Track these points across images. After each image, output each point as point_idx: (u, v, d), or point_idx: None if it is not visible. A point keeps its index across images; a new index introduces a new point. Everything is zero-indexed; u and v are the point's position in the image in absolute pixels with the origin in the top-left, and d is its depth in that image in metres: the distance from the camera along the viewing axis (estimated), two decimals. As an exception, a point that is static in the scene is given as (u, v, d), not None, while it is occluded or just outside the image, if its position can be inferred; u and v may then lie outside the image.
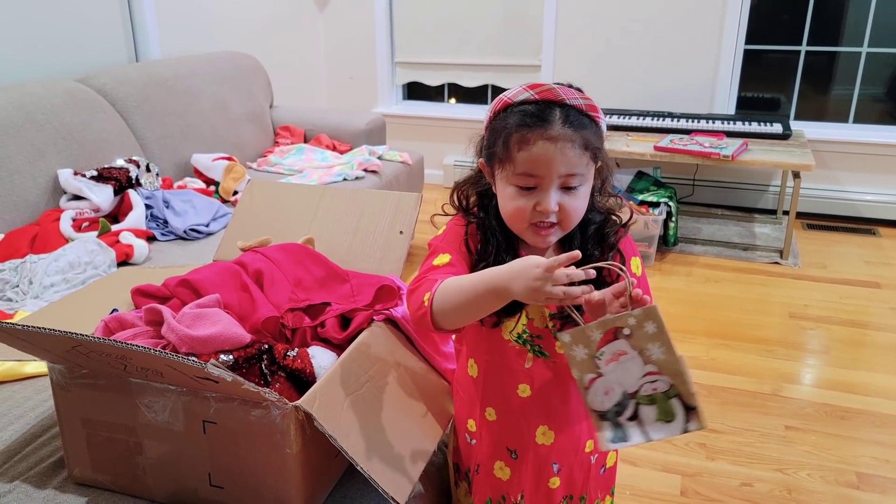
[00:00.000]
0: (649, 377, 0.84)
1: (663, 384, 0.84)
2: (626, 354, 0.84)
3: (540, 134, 0.94)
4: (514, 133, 0.95)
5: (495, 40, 4.22)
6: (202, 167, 2.79)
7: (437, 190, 4.34)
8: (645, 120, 3.66)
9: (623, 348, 0.84)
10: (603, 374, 0.86)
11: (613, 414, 0.87)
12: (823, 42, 3.78)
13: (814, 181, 3.75)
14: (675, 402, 0.84)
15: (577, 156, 0.95)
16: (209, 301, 1.20)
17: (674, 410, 0.84)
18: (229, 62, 3.31)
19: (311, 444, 1.00)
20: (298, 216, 1.56)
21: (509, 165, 0.97)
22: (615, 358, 0.85)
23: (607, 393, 0.86)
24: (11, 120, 2.17)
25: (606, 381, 0.86)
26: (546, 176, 0.95)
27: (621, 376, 0.85)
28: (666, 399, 0.84)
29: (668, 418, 0.85)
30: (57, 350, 0.97)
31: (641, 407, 0.85)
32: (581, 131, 0.95)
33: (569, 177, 0.95)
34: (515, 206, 0.98)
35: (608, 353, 0.85)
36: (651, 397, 0.85)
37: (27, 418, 1.30)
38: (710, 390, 2.25)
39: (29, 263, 1.90)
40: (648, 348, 0.83)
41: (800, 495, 1.79)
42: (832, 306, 2.84)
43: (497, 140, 0.98)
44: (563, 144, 0.93)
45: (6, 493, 1.10)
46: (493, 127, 1.00)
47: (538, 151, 0.94)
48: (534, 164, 0.94)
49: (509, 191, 0.98)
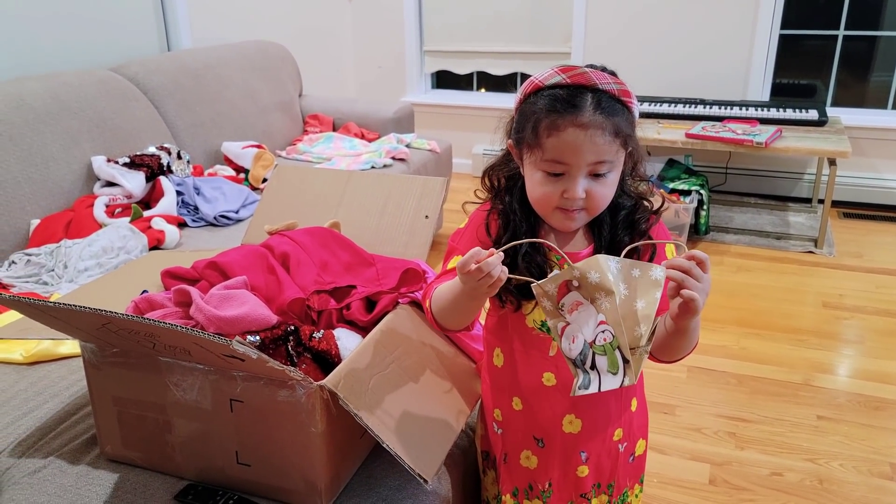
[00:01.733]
0: (601, 326, 0.84)
1: (609, 334, 0.84)
2: (582, 304, 0.85)
3: (570, 120, 0.91)
4: (543, 118, 0.93)
5: (524, 28, 4.19)
6: (232, 155, 2.82)
7: (466, 179, 4.33)
8: (676, 107, 3.61)
9: (578, 298, 0.85)
10: (569, 323, 0.87)
11: (580, 361, 0.87)
12: (862, 26, 3.68)
13: (850, 169, 3.67)
14: (618, 353, 0.84)
15: (607, 143, 0.92)
16: (236, 283, 1.22)
17: (618, 362, 0.84)
18: (259, 51, 3.33)
19: (337, 424, 1.01)
20: (325, 200, 1.57)
21: (538, 151, 0.95)
22: (575, 307, 0.85)
23: (573, 341, 0.87)
24: (47, 108, 2.21)
25: (571, 329, 0.87)
26: (574, 164, 0.93)
27: (581, 325, 0.86)
28: (612, 350, 0.84)
29: (614, 370, 0.85)
30: (87, 328, 0.99)
31: (597, 357, 0.86)
32: (612, 118, 0.92)
33: (598, 164, 0.93)
34: (542, 192, 0.97)
35: (567, 304, 0.86)
36: (603, 347, 0.85)
37: (61, 397, 1.33)
38: (739, 379, 2.22)
39: (64, 248, 1.94)
40: (597, 297, 0.83)
41: (831, 485, 1.77)
42: (868, 296, 2.78)
43: (526, 124, 0.96)
44: (594, 132, 0.91)
45: (41, 469, 1.13)
46: (523, 110, 0.98)
47: (567, 139, 0.92)
48: (562, 152, 0.93)
49: (537, 176, 0.97)
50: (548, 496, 1.14)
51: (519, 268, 1.00)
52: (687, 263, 0.85)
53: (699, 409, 2.07)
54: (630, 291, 0.83)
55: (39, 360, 1.46)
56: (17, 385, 1.38)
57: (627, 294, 0.83)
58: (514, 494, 1.16)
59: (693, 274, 0.85)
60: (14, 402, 1.32)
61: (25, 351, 1.46)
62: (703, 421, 2.02)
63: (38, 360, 1.46)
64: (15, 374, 1.42)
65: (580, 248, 1.03)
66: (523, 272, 0.99)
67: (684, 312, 0.87)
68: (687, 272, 0.85)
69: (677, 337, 0.93)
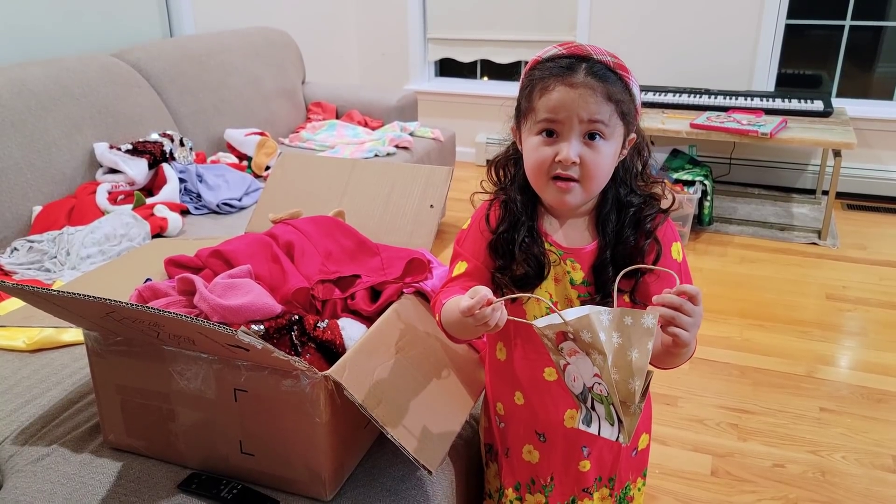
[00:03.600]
0: (596, 378, 0.85)
1: (604, 389, 0.85)
2: (578, 353, 0.86)
3: (561, 80, 0.93)
4: (538, 83, 0.96)
5: (529, 16, 4.17)
6: (235, 142, 2.81)
7: (469, 168, 4.32)
8: (681, 97, 3.59)
9: (574, 348, 0.86)
10: (570, 363, 0.88)
11: (582, 398, 0.89)
12: (868, 16, 3.65)
13: (855, 160, 3.65)
14: (612, 409, 0.85)
15: (598, 104, 0.93)
16: (240, 272, 1.21)
17: (613, 416, 0.86)
18: (262, 38, 3.31)
19: (341, 414, 1.00)
20: (329, 189, 1.57)
21: (531, 115, 0.97)
22: (572, 353, 0.87)
23: (574, 380, 0.89)
24: (49, 94, 2.20)
25: (571, 370, 0.88)
26: (566, 121, 0.93)
27: (580, 369, 0.87)
28: (608, 404, 0.86)
29: (611, 421, 0.86)
30: (92, 316, 0.99)
31: (595, 402, 0.87)
32: (605, 83, 0.93)
33: (591, 123, 0.93)
34: (536, 158, 0.97)
35: (566, 349, 0.87)
36: (600, 397, 0.87)
37: (64, 385, 1.33)
38: (742, 371, 2.22)
39: (66, 235, 1.93)
40: (591, 353, 0.84)
41: (833, 477, 1.77)
42: (871, 288, 2.77)
43: (523, 94, 0.99)
44: (584, 91, 0.92)
45: (44, 457, 1.13)
46: (522, 85, 1.00)
47: (557, 96, 0.93)
48: (553, 108, 0.94)
49: (532, 141, 0.97)
50: (550, 490, 1.14)
51: (516, 259, 1.00)
52: (678, 300, 0.85)
53: (702, 401, 2.07)
54: (624, 340, 0.82)
55: (42, 348, 1.46)
56: (19, 372, 1.37)
57: (621, 342, 0.82)
58: (516, 488, 1.16)
59: (684, 310, 0.85)
60: (17, 389, 1.32)
61: (28, 338, 1.46)
62: (706, 412, 2.02)
63: (40, 347, 1.46)
64: (18, 361, 1.42)
65: (584, 244, 1.02)
66: (521, 264, 1.00)
67: (675, 344, 0.88)
68: (678, 308, 0.85)
69: (670, 356, 0.94)
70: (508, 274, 1.02)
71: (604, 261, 1.00)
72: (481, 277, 1.05)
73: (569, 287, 1.02)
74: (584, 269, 1.01)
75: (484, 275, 1.05)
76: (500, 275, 1.03)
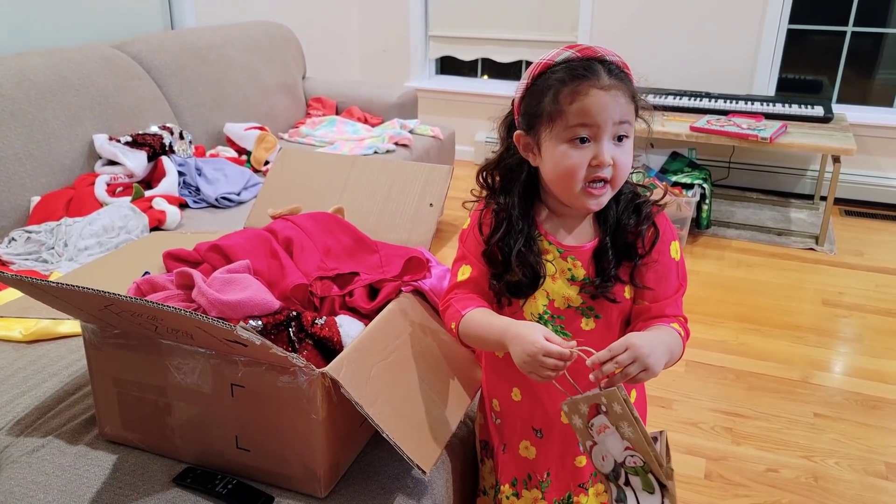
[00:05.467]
0: (628, 451, 0.89)
1: (639, 460, 0.89)
2: (609, 428, 0.89)
3: (592, 84, 0.93)
4: (563, 87, 0.94)
5: (531, 16, 4.16)
6: (234, 136, 2.80)
7: (468, 166, 4.32)
8: (681, 100, 3.59)
9: (605, 422, 0.90)
10: (597, 443, 0.92)
11: (613, 477, 0.92)
12: (870, 23, 3.66)
13: (854, 166, 3.66)
14: (651, 477, 0.88)
15: (627, 103, 0.95)
16: (239, 266, 1.21)
17: (653, 484, 0.89)
18: (263, 32, 3.30)
19: (338, 411, 1.00)
20: (329, 185, 1.56)
21: (560, 120, 0.94)
22: (602, 430, 0.90)
23: (604, 458, 0.92)
24: (49, 84, 2.19)
25: (600, 449, 0.92)
26: (602, 125, 0.93)
27: (610, 446, 0.90)
28: (645, 473, 0.89)
29: (650, 490, 0.89)
30: (90, 309, 0.99)
31: (630, 476, 0.90)
32: (624, 83, 0.95)
33: (622, 124, 0.94)
34: (569, 165, 0.95)
35: (596, 425, 0.90)
36: (635, 469, 0.90)
37: (61, 376, 1.33)
38: (738, 375, 2.22)
39: (64, 226, 1.93)
40: (621, 426, 0.88)
41: (826, 483, 1.77)
42: (867, 294, 2.78)
43: (543, 98, 0.96)
44: (616, 92, 0.93)
45: (39, 448, 1.12)
46: (535, 89, 0.97)
47: (592, 100, 0.92)
48: (588, 113, 0.93)
49: (561, 149, 0.95)
50: (546, 486, 1.14)
51: (512, 267, 1.01)
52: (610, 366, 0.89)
53: (696, 404, 2.07)
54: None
55: (39, 339, 1.46)
56: (15, 363, 1.37)
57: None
58: (512, 484, 1.16)
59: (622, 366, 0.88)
60: (13, 380, 1.32)
61: (25, 329, 1.46)
62: (700, 415, 2.02)
63: (37, 338, 1.46)
64: (14, 352, 1.41)
65: (586, 241, 1.02)
66: (516, 272, 1.01)
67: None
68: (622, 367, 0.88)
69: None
70: (503, 281, 1.02)
71: (604, 246, 1.01)
72: (488, 279, 1.06)
73: (566, 285, 1.02)
74: (585, 266, 1.01)
75: (488, 280, 1.06)
76: (495, 282, 1.04)
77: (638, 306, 1.04)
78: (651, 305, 1.03)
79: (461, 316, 1.03)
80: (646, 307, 1.03)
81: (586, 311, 1.03)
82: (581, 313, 1.03)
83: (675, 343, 0.99)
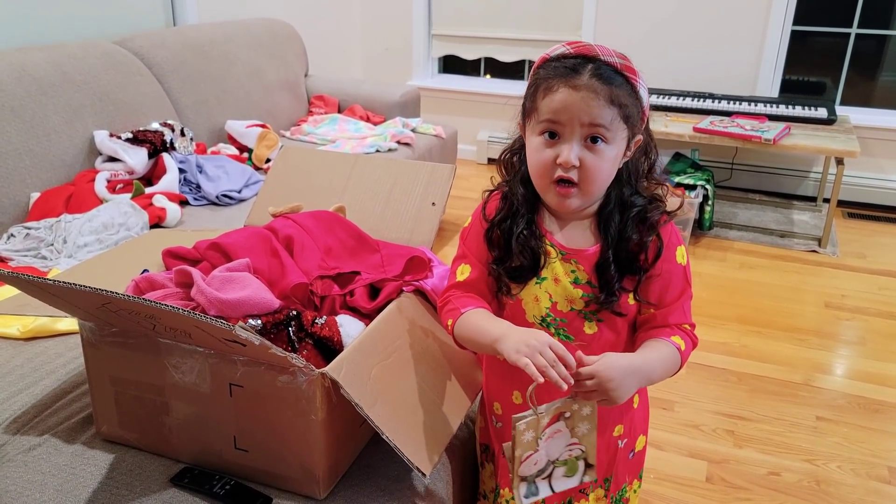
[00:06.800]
0: (570, 447, 0.94)
1: (578, 451, 0.95)
2: (560, 432, 0.93)
3: (564, 82, 0.92)
4: (542, 82, 0.95)
5: (534, 15, 4.15)
6: (236, 133, 2.79)
7: (471, 165, 4.31)
8: (685, 100, 3.58)
9: (560, 427, 0.93)
10: (538, 450, 0.94)
11: (533, 476, 0.96)
12: (874, 25, 3.64)
13: (857, 169, 3.64)
14: (580, 462, 0.96)
15: (601, 107, 0.92)
16: (239, 265, 1.20)
17: (577, 467, 0.97)
18: (265, 29, 3.29)
19: (337, 412, 0.99)
20: (330, 184, 1.55)
21: (534, 115, 0.96)
22: (552, 436, 0.93)
23: (536, 463, 0.95)
24: (50, 80, 2.18)
25: (538, 455, 0.94)
26: (567, 123, 0.93)
27: (551, 449, 0.94)
28: (575, 460, 0.95)
29: (571, 474, 0.97)
30: (87, 307, 0.97)
31: (556, 468, 0.96)
32: (609, 86, 0.92)
33: (592, 127, 0.92)
34: (538, 159, 0.96)
35: (549, 433, 0.93)
36: (565, 461, 0.96)
37: (58, 374, 1.32)
38: (739, 377, 2.21)
39: (63, 223, 1.92)
40: (578, 426, 0.93)
41: (829, 487, 1.76)
42: (870, 297, 2.77)
43: (529, 91, 0.98)
44: (587, 94, 0.91)
45: (36, 446, 1.11)
46: (529, 83, 0.99)
47: (559, 97, 0.92)
48: (554, 110, 0.93)
49: (535, 142, 0.97)
50: (546, 491, 1.13)
51: (513, 250, 1.00)
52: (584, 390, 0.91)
53: (698, 406, 2.06)
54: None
55: (36, 336, 1.45)
56: (12, 361, 1.36)
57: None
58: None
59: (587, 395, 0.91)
60: (10, 377, 1.31)
61: (22, 326, 1.45)
62: (702, 418, 2.01)
63: (34, 335, 1.45)
64: (11, 349, 1.41)
65: (587, 246, 1.01)
66: (517, 255, 1.00)
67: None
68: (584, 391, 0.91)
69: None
70: (503, 265, 1.01)
71: (606, 260, 0.99)
72: (486, 282, 1.05)
73: (570, 287, 1.01)
74: (588, 270, 1.00)
75: (488, 281, 1.05)
76: (496, 266, 1.03)
77: (643, 315, 1.03)
78: (655, 313, 1.02)
79: (459, 314, 1.02)
80: (650, 315, 1.02)
81: (589, 315, 1.02)
82: (584, 317, 1.01)
83: (667, 362, 0.99)
